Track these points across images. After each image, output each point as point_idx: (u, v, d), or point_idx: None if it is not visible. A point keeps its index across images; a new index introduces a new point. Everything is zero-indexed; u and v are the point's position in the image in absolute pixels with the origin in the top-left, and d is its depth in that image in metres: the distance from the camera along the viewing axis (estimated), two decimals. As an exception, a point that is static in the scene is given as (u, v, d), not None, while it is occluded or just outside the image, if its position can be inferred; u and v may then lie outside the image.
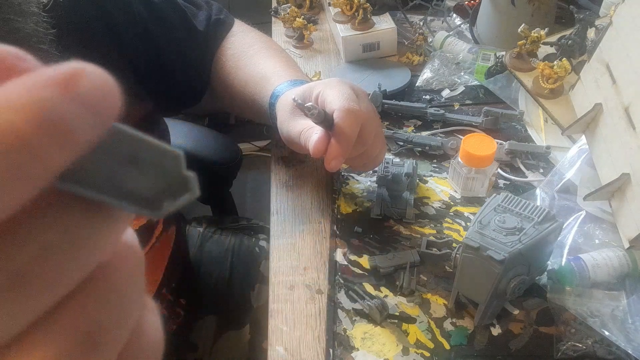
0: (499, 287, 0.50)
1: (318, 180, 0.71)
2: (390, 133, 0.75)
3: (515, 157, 0.71)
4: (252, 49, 0.75)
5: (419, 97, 0.84)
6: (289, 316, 0.57)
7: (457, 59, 0.88)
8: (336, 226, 0.66)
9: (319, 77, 0.87)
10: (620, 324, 0.51)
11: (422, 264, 0.60)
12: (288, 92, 0.63)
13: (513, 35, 0.81)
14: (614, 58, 0.60)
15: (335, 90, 0.56)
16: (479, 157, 0.64)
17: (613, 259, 0.55)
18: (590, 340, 0.52)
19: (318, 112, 0.52)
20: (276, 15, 1.04)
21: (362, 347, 0.54)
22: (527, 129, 0.75)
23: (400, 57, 0.93)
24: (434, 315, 0.56)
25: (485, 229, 0.50)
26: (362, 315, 0.56)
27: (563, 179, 0.65)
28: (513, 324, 0.55)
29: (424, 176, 0.71)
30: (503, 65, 0.81)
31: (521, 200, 0.53)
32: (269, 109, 0.66)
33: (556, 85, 0.74)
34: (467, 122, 0.77)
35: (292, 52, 0.96)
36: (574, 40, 0.76)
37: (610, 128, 0.59)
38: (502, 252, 0.48)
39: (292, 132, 0.60)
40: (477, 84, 0.85)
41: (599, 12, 0.85)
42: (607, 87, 0.60)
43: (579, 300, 0.53)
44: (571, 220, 0.61)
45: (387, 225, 0.65)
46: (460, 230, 0.64)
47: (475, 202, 0.67)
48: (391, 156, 0.73)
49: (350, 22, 0.92)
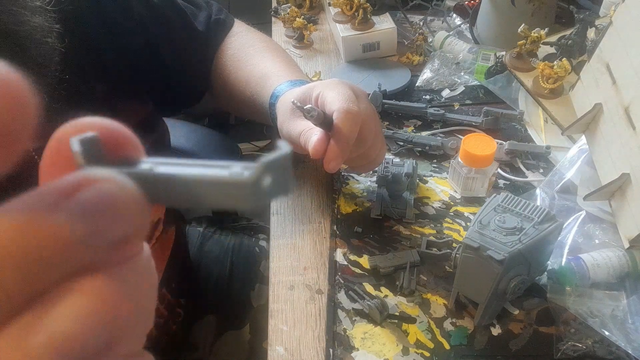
0: (499, 287, 0.50)
1: (318, 180, 0.71)
2: (390, 133, 0.75)
3: (515, 157, 0.71)
4: (252, 49, 0.75)
5: (419, 97, 0.84)
6: (289, 316, 0.57)
7: (457, 59, 0.88)
8: (336, 226, 0.66)
9: (319, 77, 0.87)
10: (620, 324, 0.51)
11: (422, 264, 0.60)
12: (288, 92, 0.63)
13: (513, 35, 0.81)
14: (614, 58, 0.60)
15: (335, 91, 0.56)
16: (479, 157, 0.64)
17: (613, 259, 0.55)
18: (590, 340, 0.52)
19: (317, 114, 0.52)
20: (276, 15, 1.04)
21: (362, 347, 0.54)
22: (527, 129, 0.75)
23: (400, 57, 0.93)
24: (434, 315, 0.56)
25: (485, 229, 0.50)
26: (362, 315, 0.56)
27: (563, 179, 0.65)
28: (513, 324, 0.55)
29: (424, 176, 0.71)
30: (503, 65, 0.81)
31: (521, 200, 0.53)
32: (269, 109, 0.66)
33: (556, 85, 0.74)
34: (467, 122, 0.77)
35: (292, 52, 0.96)
36: (574, 40, 0.76)
37: (610, 128, 0.59)
38: (502, 252, 0.48)
39: (292, 132, 0.60)
40: (477, 84, 0.85)
41: (599, 12, 0.85)
42: (607, 87, 0.60)
43: (579, 300, 0.53)
44: (571, 220, 0.61)
45: (387, 225, 0.65)
46: (460, 230, 0.64)
47: (475, 202, 0.67)
48: (391, 156, 0.73)
49: (350, 22, 0.92)
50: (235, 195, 0.16)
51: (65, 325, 0.14)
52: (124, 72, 0.63)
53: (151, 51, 0.67)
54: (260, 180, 0.16)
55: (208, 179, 0.16)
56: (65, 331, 0.14)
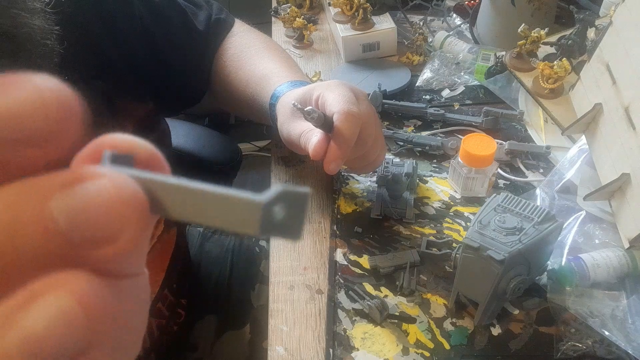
0: (499, 287, 0.50)
1: (318, 180, 0.71)
2: (390, 133, 0.75)
3: (515, 157, 0.71)
4: (253, 49, 0.75)
5: (419, 97, 0.84)
6: (289, 316, 0.57)
7: (457, 59, 0.88)
8: (336, 226, 0.66)
9: (319, 77, 0.87)
10: (620, 324, 0.51)
11: (422, 264, 0.60)
12: (288, 93, 0.63)
13: (513, 35, 0.81)
14: (614, 58, 0.60)
15: (335, 93, 0.56)
16: (479, 157, 0.64)
17: (613, 259, 0.55)
18: (590, 340, 0.52)
19: (318, 115, 0.52)
20: (276, 15, 1.04)
21: (362, 347, 0.54)
22: (527, 129, 0.75)
23: (400, 57, 0.93)
24: (434, 315, 0.56)
25: (485, 229, 0.50)
26: (362, 315, 0.56)
27: (563, 179, 0.65)
28: (513, 324, 0.55)
29: (424, 176, 0.71)
30: (503, 65, 0.81)
31: (521, 200, 0.53)
32: (269, 109, 0.66)
33: (556, 85, 0.74)
34: (467, 122, 0.77)
35: (292, 52, 0.96)
36: (574, 40, 0.76)
37: (610, 128, 0.59)
38: (502, 252, 0.48)
39: (292, 133, 0.60)
40: (477, 84, 0.85)
41: (599, 12, 0.85)
42: (607, 87, 0.60)
43: (579, 300, 0.53)
44: (571, 220, 0.61)
45: (387, 225, 0.65)
46: (460, 230, 0.64)
47: (475, 202, 0.67)
48: (391, 156, 0.73)
49: (350, 22, 0.92)
50: (244, 216, 0.16)
51: (40, 324, 0.13)
52: (124, 71, 0.63)
53: (151, 51, 0.67)
54: (272, 206, 0.16)
55: (220, 193, 0.16)
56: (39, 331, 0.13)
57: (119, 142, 0.17)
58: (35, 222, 0.14)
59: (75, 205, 0.14)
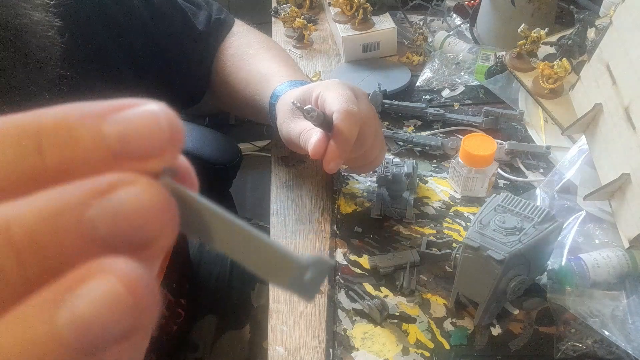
0: (499, 287, 0.50)
1: (318, 180, 0.71)
2: (390, 133, 0.75)
3: (515, 157, 0.71)
4: (253, 49, 0.75)
5: (419, 97, 0.84)
6: (289, 316, 0.57)
7: (457, 59, 0.88)
8: (336, 226, 0.66)
9: (319, 77, 0.87)
10: (620, 324, 0.51)
11: (422, 264, 0.60)
12: (288, 92, 0.63)
13: (513, 35, 0.81)
14: (614, 58, 0.60)
15: (335, 92, 0.56)
16: (479, 157, 0.64)
17: (613, 259, 0.55)
18: (590, 340, 0.52)
19: (317, 114, 0.52)
20: (276, 15, 1.04)
21: (362, 347, 0.54)
22: (527, 129, 0.75)
23: (400, 57, 0.93)
24: (434, 315, 0.56)
25: (485, 229, 0.50)
26: (362, 315, 0.56)
27: (563, 179, 0.65)
28: (513, 324, 0.55)
29: (424, 176, 0.71)
30: (503, 65, 0.81)
31: (521, 200, 0.53)
32: (269, 109, 0.66)
33: (556, 85, 0.74)
34: (467, 122, 0.77)
35: (292, 52, 0.96)
36: (574, 40, 0.76)
37: (610, 128, 0.59)
38: (502, 252, 0.48)
39: (292, 133, 0.60)
40: (477, 84, 0.85)
41: (599, 12, 0.85)
42: (607, 87, 0.60)
43: (579, 300, 0.53)
44: (571, 220, 0.61)
45: (387, 225, 0.65)
46: (460, 230, 0.64)
47: (475, 202, 0.67)
48: (391, 156, 0.73)
49: (350, 22, 0.92)
50: (279, 269, 0.16)
51: (89, 305, 0.14)
52: (125, 70, 0.63)
53: (151, 50, 0.68)
54: (308, 269, 0.16)
55: (267, 242, 0.16)
56: (88, 311, 0.14)
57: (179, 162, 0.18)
58: (75, 231, 0.15)
59: (114, 213, 0.15)
